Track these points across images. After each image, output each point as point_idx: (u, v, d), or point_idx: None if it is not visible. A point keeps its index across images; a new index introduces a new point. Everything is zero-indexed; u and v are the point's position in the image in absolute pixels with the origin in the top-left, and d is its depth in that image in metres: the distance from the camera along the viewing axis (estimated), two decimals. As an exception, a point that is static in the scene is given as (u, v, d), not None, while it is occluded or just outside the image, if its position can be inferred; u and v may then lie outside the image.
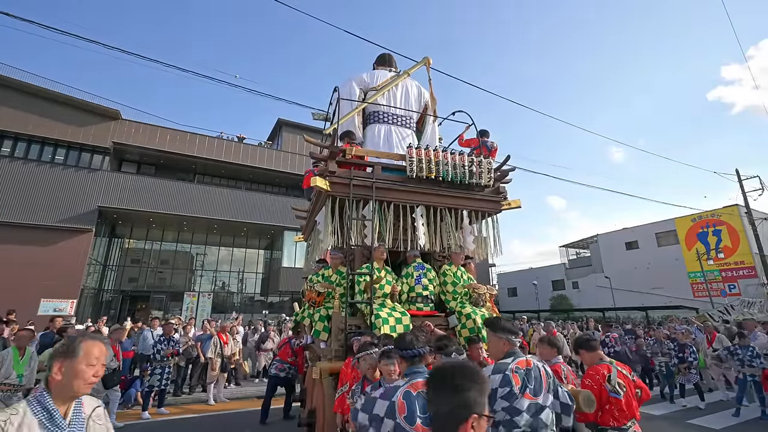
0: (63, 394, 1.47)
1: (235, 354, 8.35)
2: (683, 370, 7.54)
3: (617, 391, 2.58)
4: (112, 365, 5.82)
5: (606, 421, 2.62)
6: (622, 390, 2.59)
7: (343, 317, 4.01)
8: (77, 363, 1.48)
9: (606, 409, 2.61)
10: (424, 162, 4.54)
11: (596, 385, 2.61)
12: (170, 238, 23.46)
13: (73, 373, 1.47)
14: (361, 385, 3.05)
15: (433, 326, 4.07)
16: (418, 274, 4.62)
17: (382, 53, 6.49)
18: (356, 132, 5.49)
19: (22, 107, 17.69)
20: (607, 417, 2.60)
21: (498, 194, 5.00)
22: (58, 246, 16.90)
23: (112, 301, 21.78)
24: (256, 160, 22.52)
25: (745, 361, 6.58)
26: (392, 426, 1.68)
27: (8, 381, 4.50)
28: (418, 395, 1.74)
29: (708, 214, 27.59)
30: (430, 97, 6.19)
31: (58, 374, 1.45)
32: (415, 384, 1.81)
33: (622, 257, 32.37)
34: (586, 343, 3.03)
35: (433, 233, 4.61)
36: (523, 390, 2.03)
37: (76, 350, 1.50)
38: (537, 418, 2.03)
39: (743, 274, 25.11)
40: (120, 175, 19.64)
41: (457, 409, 1.16)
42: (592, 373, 2.72)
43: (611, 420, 2.59)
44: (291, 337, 6.65)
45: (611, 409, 2.58)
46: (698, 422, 6.33)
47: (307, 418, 4.62)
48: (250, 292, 24.96)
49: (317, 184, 4.10)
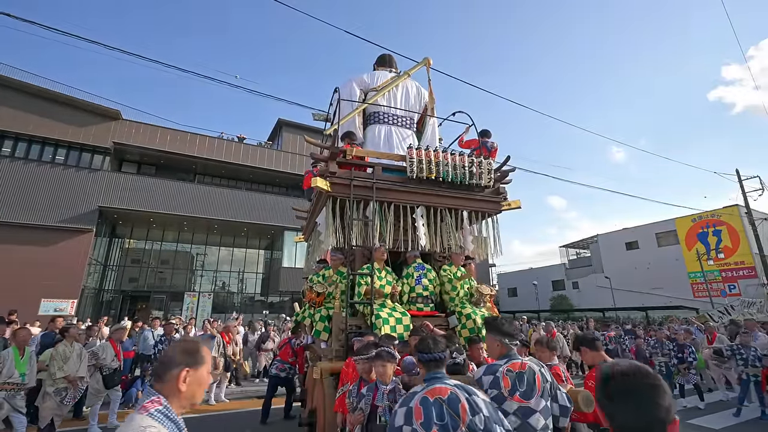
0: (185, 404, 1.38)
1: (236, 354, 8.37)
2: (683, 370, 7.55)
3: None
4: (113, 365, 5.84)
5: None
6: None
7: (344, 317, 4.02)
8: (202, 370, 1.40)
9: None
10: (425, 162, 4.56)
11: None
12: (170, 238, 23.47)
13: (198, 381, 1.39)
14: (358, 385, 3.06)
15: (433, 326, 4.08)
16: (419, 274, 4.64)
17: (382, 54, 6.51)
18: (357, 133, 5.50)
19: (23, 107, 17.70)
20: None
21: (498, 195, 5.02)
22: (59, 246, 16.92)
23: (113, 301, 21.80)
24: (257, 160, 22.53)
25: (749, 361, 6.58)
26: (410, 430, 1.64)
27: (11, 380, 4.53)
28: (435, 401, 1.68)
29: (708, 214, 27.60)
30: (429, 98, 6.20)
31: (183, 384, 1.34)
32: (433, 390, 1.75)
33: (622, 257, 32.37)
34: (591, 342, 2.98)
35: (433, 234, 4.63)
36: (512, 392, 2.03)
37: (203, 358, 1.42)
38: (525, 421, 2.02)
39: (743, 275, 25.11)
40: (120, 175, 19.65)
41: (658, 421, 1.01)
42: (593, 375, 2.71)
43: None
44: (291, 337, 6.67)
45: None
46: (698, 422, 6.34)
47: (307, 418, 4.64)
48: (250, 292, 24.98)
49: (318, 184, 4.11)
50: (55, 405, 4.99)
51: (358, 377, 3.13)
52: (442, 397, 1.69)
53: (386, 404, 2.72)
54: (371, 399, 2.77)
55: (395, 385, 2.80)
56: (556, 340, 8.78)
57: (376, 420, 2.71)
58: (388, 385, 2.79)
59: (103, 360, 5.73)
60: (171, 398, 1.33)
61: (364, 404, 2.77)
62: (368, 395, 2.80)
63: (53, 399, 4.96)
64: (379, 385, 2.81)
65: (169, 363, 1.37)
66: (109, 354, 5.82)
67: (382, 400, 2.73)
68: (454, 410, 1.65)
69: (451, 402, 1.67)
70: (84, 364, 5.32)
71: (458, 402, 1.67)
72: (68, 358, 5.15)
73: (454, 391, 1.72)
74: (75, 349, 5.30)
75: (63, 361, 5.11)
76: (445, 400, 1.68)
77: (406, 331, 3.93)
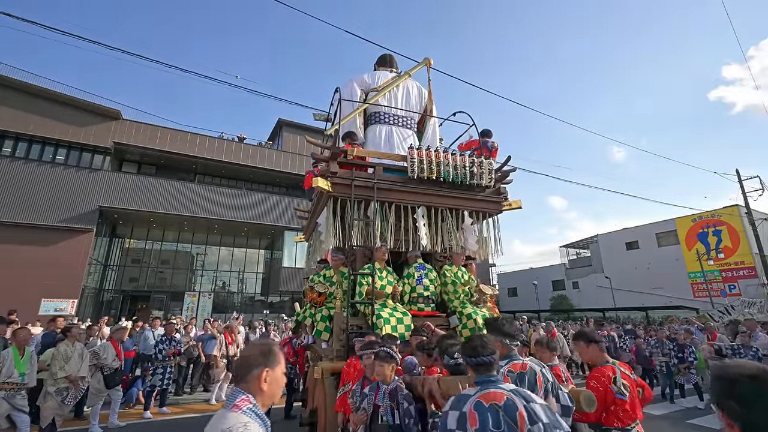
0: (267, 402, 1.46)
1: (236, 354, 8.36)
2: (683, 370, 7.57)
3: (623, 392, 2.55)
4: (114, 365, 5.85)
5: (610, 422, 2.60)
6: (627, 391, 2.59)
7: (345, 317, 4.03)
8: (278, 370, 1.48)
9: (611, 410, 2.59)
10: (426, 163, 4.56)
11: (602, 387, 2.58)
12: (171, 238, 23.48)
13: (276, 380, 1.47)
14: (361, 384, 3.06)
15: (434, 326, 4.08)
16: (420, 274, 4.64)
17: (383, 54, 6.51)
18: (357, 133, 5.50)
19: (23, 107, 17.71)
20: (612, 418, 2.59)
21: (499, 195, 5.02)
22: (59, 246, 16.92)
23: (113, 301, 21.81)
24: (257, 160, 22.54)
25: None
26: None
27: (11, 380, 4.53)
28: (491, 407, 1.60)
29: (708, 214, 27.59)
30: (429, 98, 6.20)
31: (264, 384, 1.43)
32: (487, 394, 1.66)
33: (623, 257, 32.37)
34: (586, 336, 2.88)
35: (434, 234, 4.63)
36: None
37: (279, 358, 1.50)
38: None
39: (743, 275, 25.10)
40: (121, 175, 19.66)
41: None
42: (598, 374, 2.68)
43: (615, 421, 2.57)
44: (292, 337, 6.67)
45: (616, 410, 2.56)
46: (698, 422, 6.35)
47: (308, 418, 4.64)
48: (250, 292, 24.99)
49: (319, 184, 4.11)
50: (57, 405, 4.99)
51: (361, 376, 3.13)
52: (498, 403, 1.62)
53: (388, 404, 2.72)
54: (373, 399, 2.77)
55: (397, 385, 2.81)
56: (557, 340, 8.77)
57: (378, 420, 2.71)
58: (389, 385, 2.79)
59: (104, 360, 5.74)
60: (255, 397, 1.41)
61: (366, 404, 2.77)
62: (371, 395, 2.80)
63: (54, 399, 4.97)
64: (381, 384, 2.81)
65: (250, 364, 1.45)
66: (110, 354, 5.83)
67: (383, 400, 2.74)
68: (511, 418, 1.57)
69: (508, 409, 1.59)
70: (85, 364, 5.33)
71: (516, 409, 1.59)
72: (70, 358, 5.15)
73: (510, 398, 1.63)
74: (76, 349, 5.30)
75: (64, 360, 5.11)
76: (501, 406, 1.60)
77: (407, 331, 3.93)
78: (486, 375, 1.78)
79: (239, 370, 1.48)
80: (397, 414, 2.70)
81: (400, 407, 2.72)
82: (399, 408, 2.72)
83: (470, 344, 1.87)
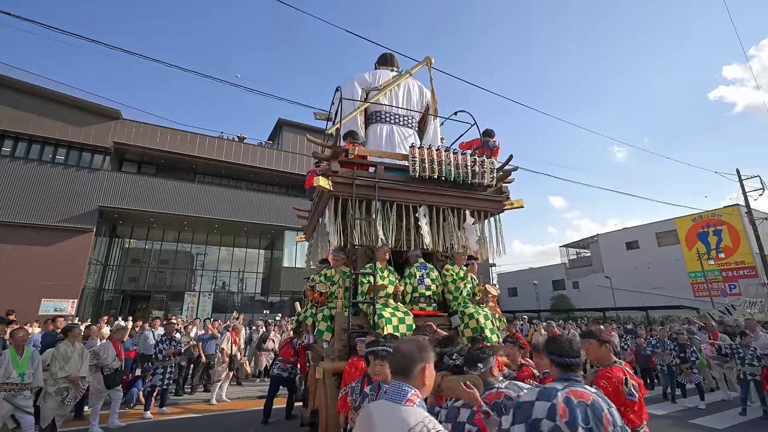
0: (425, 395, 1.57)
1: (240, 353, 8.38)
2: (685, 370, 7.56)
3: (633, 394, 2.48)
4: (115, 365, 5.83)
5: None
6: (636, 392, 2.50)
7: (346, 317, 4.01)
8: (432, 366, 1.60)
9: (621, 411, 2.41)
10: (427, 162, 4.54)
11: (612, 388, 2.49)
12: (171, 238, 23.46)
13: (432, 375, 1.59)
14: (361, 382, 3.04)
15: (436, 326, 4.07)
16: (421, 274, 4.63)
17: (384, 53, 6.50)
18: (358, 132, 5.49)
19: (23, 107, 17.69)
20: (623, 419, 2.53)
21: (500, 194, 5.01)
22: (59, 246, 16.91)
23: (113, 301, 21.79)
24: (257, 159, 22.52)
25: (746, 360, 6.62)
26: (550, 427, 1.63)
27: (10, 380, 4.51)
28: (579, 404, 1.65)
29: (708, 213, 27.59)
30: (431, 97, 6.19)
31: (426, 379, 1.55)
32: (575, 391, 1.71)
33: (623, 257, 32.36)
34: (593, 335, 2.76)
35: (435, 233, 4.61)
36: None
37: (432, 354, 1.62)
38: None
39: (744, 274, 25.09)
40: (120, 175, 19.64)
41: None
42: (608, 374, 2.57)
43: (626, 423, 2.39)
44: (293, 337, 6.65)
45: (626, 411, 2.47)
46: (700, 422, 6.33)
47: (309, 418, 4.63)
48: (250, 291, 24.98)
49: (320, 184, 4.10)
50: (57, 405, 4.97)
51: (362, 375, 3.12)
52: (586, 402, 1.66)
53: (389, 404, 2.70)
54: (374, 398, 2.76)
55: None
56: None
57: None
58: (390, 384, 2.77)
59: (105, 360, 5.72)
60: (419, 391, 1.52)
61: (366, 403, 2.76)
62: (371, 395, 2.78)
63: (54, 399, 4.95)
64: (382, 384, 2.79)
65: (413, 359, 1.55)
66: (110, 354, 5.81)
67: (384, 400, 2.72)
68: (598, 417, 1.63)
69: (595, 409, 1.65)
70: (85, 364, 5.31)
71: (602, 411, 1.65)
72: (69, 358, 5.13)
73: (596, 399, 1.70)
74: (76, 349, 5.29)
75: (64, 360, 5.10)
76: (589, 405, 1.65)
77: (408, 331, 3.91)
78: (570, 374, 1.86)
79: (402, 364, 1.56)
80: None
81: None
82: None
83: (559, 344, 1.93)
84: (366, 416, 1.50)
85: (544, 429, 1.63)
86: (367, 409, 1.56)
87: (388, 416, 1.41)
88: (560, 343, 1.92)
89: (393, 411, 1.42)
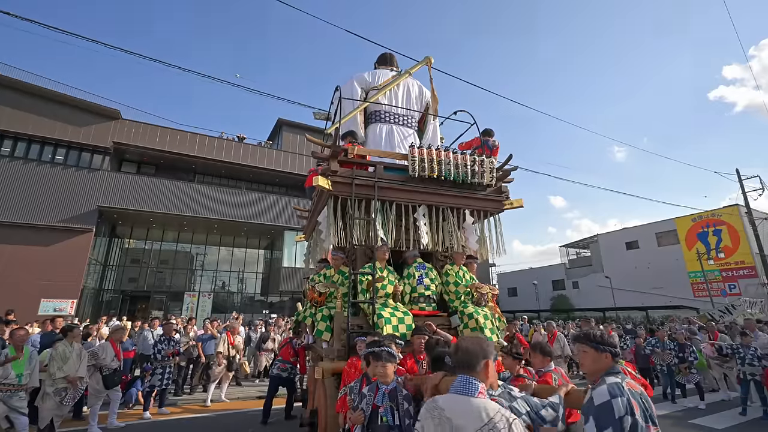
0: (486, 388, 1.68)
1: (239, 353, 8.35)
2: (683, 370, 7.55)
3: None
4: (113, 365, 5.81)
5: None
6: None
7: (346, 317, 4.00)
8: (493, 361, 1.73)
9: None
10: (427, 161, 4.54)
11: None
12: (170, 238, 23.44)
13: (494, 370, 1.73)
14: (360, 382, 3.03)
15: (435, 326, 4.06)
16: (420, 274, 4.61)
17: (383, 52, 6.49)
18: (358, 131, 5.48)
19: (22, 107, 17.66)
20: None
21: (500, 193, 5.00)
22: (59, 246, 16.88)
23: (112, 301, 21.77)
24: (257, 159, 22.50)
25: (746, 360, 6.62)
26: (630, 423, 1.60)
27: (7, 381, 4.50)
28: (634, 394, 1.70)
29: (708, 213, 27.59)
30: (432, 97, 6.18)
31: (489, 372, 1.69)
32: (628, 383, 1.75)
33: (623, 257, 32.37)
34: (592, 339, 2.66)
35: (435, 233, 4.60)
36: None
37: (493, 349, 1.76)
38: None
39: (743, 274, 25.09)
40: (120, 175, 19.62)
41: None
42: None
43: None
44: (292, 337, 6.64)
45: None
46: (700, 422, 6.32)
47: (309, 419, 4.62)
48: (250, 292, 24.96)
49: (320, 183, 4.09)
50: (55, 405, 4.96)
51: (361, 375, 3.11)
52: (637, 392, 1.74)
53: (387, 404, 2.70)
54: (372, 399, 2.75)
55: (396, 385, 2.78)
56: (557, 340, 8.63)
57: (377, 420, 2.68)
58: (388, 385, 2.77)
59: (103, 360, 5.70)
60: (484, 384, 1.64)
61: (365, 404, 2.75)
62: (369, 395, 2.78)
63: (53, 399, 4.93)
64: (380, 385, 2.78)
65: (477, 355, 1.68)
66: (109, 354, 5.79)
67: (382, 401, 2.71)
68: (648, 404, 1.72)
69: (644, 397, 1.74)
70: (84, 365, 5.29)
71: (647, 397, 1.77)
72: (68, 359, 5.12)
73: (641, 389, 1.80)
74: (75, 350, 5.27)
75: (62, 361, 5.08)
76: (640, 393, 1.74)
77: (408, 331, 3.90)
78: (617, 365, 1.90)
79: (466, 360, 1.68)
80: (396, 414, 2.68)
81: (400, 407, 2.69)
82: (399, 408, 2.69)
83: (608, 338, 1.94)
84: (436, 410, 1.55)
85: (626, 426, 1.60)
86: (434, 404, 1.60)
87: (464, 408, 1.48)
88: (609, 338, 1.91)
89: (467, 403, 1.51)
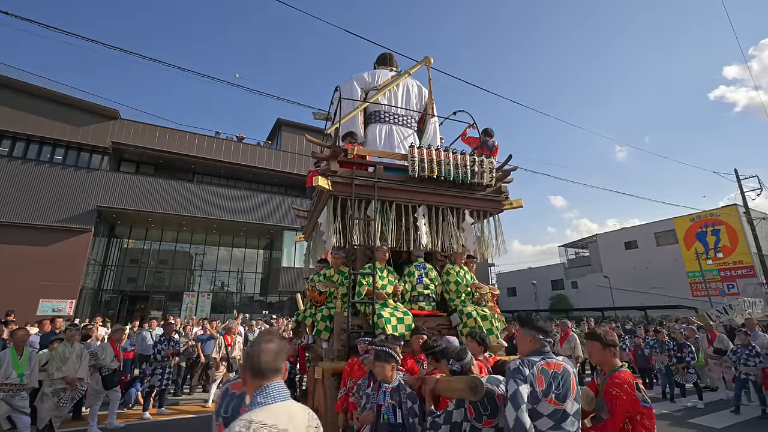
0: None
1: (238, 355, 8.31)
2: (682, 369, 7.57)
3: (647, 399, 2.30)
4: (113, 365, 5.81)
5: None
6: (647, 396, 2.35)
7: (345, 317, 4.00)
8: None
9: (637, 420, 2.29)
10: (426, 161, 4.54)
11: (625, 395, 2.28)
12: (169, 238, 23.41)
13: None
14: (368, 380, 3.03)
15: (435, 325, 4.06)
16: (420, 273, 4.62)
17: (383, 53, 6.49)
18: (358, 131, 5.48)
19: (21, 107, 17.63)
20: (639, 428, 2.27)
21: (500, 194, 5.00)
22: (57, 246, 16.85)
23: (111, 302, 21.73)
24: (256, 159, 22.49)
25: (741, 360, 6.64)
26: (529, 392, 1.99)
27: (9, 381, 4.50)
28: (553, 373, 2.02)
29: (707, 213, 27.64)
30: (429, 97, 6.18)
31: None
32: (549, 363, 2.06)
33: (621, 257, 32.41)
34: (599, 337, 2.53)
35: (435, 233, 4.61)
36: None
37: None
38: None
39: (742, 274, 25.14)
40: (119, 174, 19.59)
41: None
42: (618, 380, 2.35)
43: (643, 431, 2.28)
44: (292, 337, 6.64)
45: (642, 419, 2.28)
46: (699, 421, 6.34)
47: (308, 419, 4.60)
48: (249, 292, 24.94)
49: (319, 183, 4.09)
50: (53, 406, 4.95)
51: (366, 373, 3.11)
52: (558, 371, 2.06)
53: (390, 403, 2.70)
54: (375, 398, 2.76)
55: (399, 383, 2.79)
56: (568, 340, 8.18)
57: (379, 418, 2.69)
58: (391, 384, 2.77)
59: (103, 360, 5.70)
60: None
61: (371, 404, 2.75)
62: (372, 394, 2.78)
63: (51, 400, 4.93)
64: (382, 384, 2.79)
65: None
66: (108, 354, 5.79)
67: (385, 399, 2.72)
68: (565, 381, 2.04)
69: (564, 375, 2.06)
70: (84, 365, 5.29)
71: (569, 376, 2.06)
72: (67, 359, 5.11)
73: (565, 367, 2.08)
74: (75, 350, 5.26)
75: (61, 361, 5.07)
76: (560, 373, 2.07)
77: (407, 331, 3.91)
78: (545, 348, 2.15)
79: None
80: (399, 413, 2.68)
81: (404, 406, 2.70)
82: (402, 407, 2.70)
83: (541, 326, 2.25)
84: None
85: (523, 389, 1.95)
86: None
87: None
88: (542, 326, 2.24)
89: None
